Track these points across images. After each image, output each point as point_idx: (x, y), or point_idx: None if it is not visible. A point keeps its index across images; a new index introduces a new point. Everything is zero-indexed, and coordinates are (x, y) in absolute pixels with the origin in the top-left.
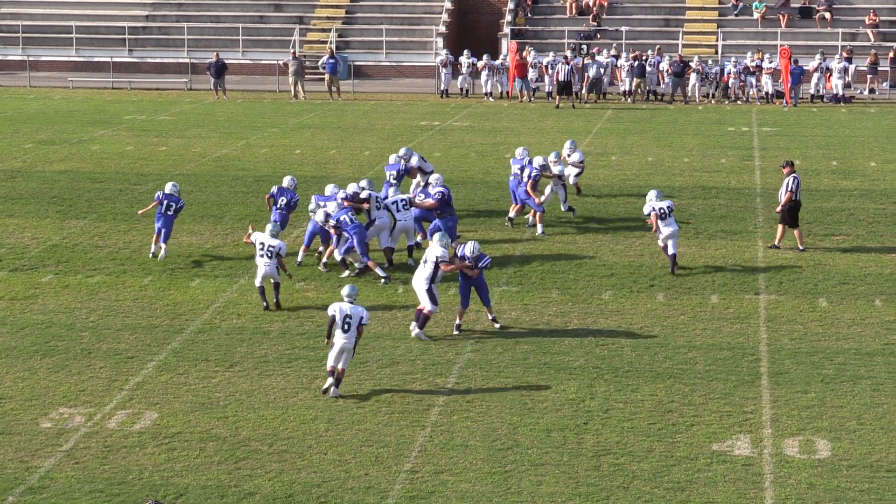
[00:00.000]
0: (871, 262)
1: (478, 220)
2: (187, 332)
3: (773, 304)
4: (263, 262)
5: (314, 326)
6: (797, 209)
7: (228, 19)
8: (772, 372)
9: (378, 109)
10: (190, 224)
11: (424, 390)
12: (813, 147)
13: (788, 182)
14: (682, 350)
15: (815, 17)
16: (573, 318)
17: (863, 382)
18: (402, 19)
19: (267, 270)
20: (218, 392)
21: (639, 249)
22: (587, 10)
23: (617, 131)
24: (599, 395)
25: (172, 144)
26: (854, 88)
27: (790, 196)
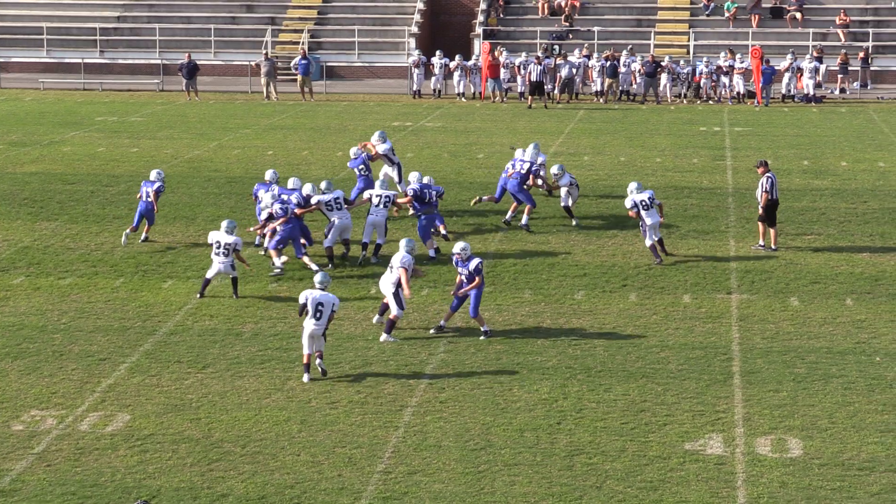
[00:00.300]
0: (843, 261)
1: (450, 220)
2: (160, 334)
3: (745, 304)
4: (219, 260)
5: (287, 328)
6: (774, 208)
7: (200, 20)
8: (744, 371)
9: (351, 110)
10: (162, 225)
11: (397, 391)
12: (784, 147)
13: (763, 182)
14: (655, 350)
15: (786, 18)
16: (546, 319)
17: (834, 381)
18: (374, 20)
19: (221, 268)
20: (190, 394)
21: (611, 249)
22: (559, 10)
23: (589, 131)
24: (572, 394)
25: (144, 146)
26: (825, 88)
27: (767, 196)
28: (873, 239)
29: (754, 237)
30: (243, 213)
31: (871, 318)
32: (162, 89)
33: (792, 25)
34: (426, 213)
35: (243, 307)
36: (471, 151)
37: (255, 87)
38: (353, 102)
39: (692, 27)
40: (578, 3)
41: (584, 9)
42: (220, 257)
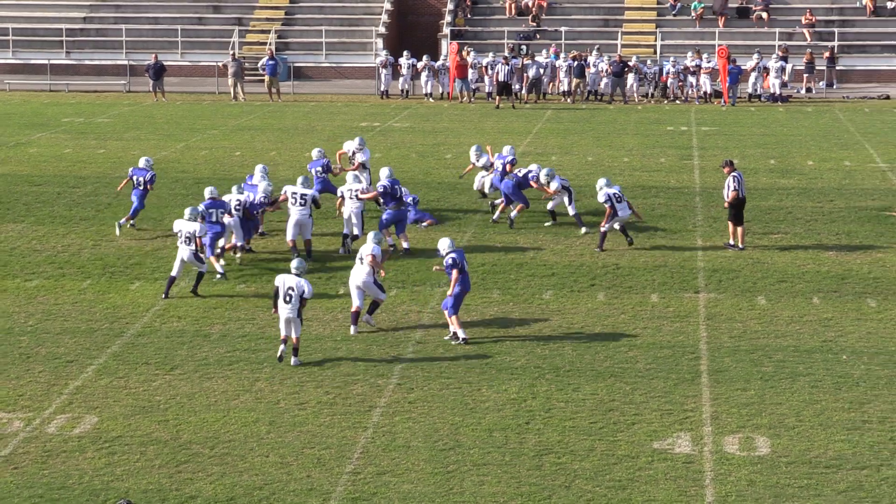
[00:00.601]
0: (809, 259)
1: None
2: (127, 336)
3: (712, 303)
4: (182, 250)
5: (255, 329)
6: (742, 206)
7: (167, 21)
8: (712, 370)
9: (318, 111)
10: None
11: (366, 392)
12: (751, 146)
13: (729, 181)
14: (623, 349)
15: (752, 17)
16: (514, 319)
17: (801, 379)
18: (341, 20)
19: (185, 256)
20: (158, 395)
21: (579, 249)
22: (526, 10)
23: (557, 131)
24: (541, 394)
25: (111, 147)
26: (791, 87)
27: (735, 194)
28: (840, 238)
29: (722, 236)
30: None
31: (837, 317)
32: (129, 90)
33: (758, 25)
34: (394, 208)
35: (211, 308)
36: (439, 152)
37: (222, 88)
38: (320, 103)
39: (659, 27)
40: (545, 3)
41: (552, 9)
42: (183, 246)
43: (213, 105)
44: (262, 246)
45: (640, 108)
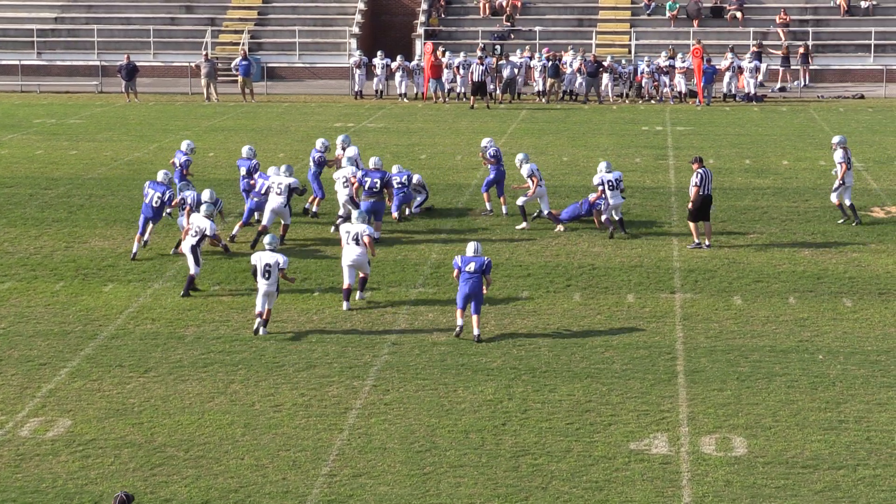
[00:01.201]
0: (785, 259)
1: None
2: (101, 338)
3: (688, 303)
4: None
5: (229, 330)
6: (708, 204)
7: (139, 21)
8: (688, 370)
9: (292, 111)
10: (102, 228)
11: (342, 393)
12: (726, 146)
13: (693, 178)
14: (599, 349)
15: (727, 17)
16: (490, 319)
17: (777, 380)
18: (314, 20)
19: (187, 250)
20: (132, 398)
21: (555, 249)
22: (500, 10)
23: (532, 131)
24: (517, 395)
25: (83, 148)
26: (765, 86)
27: (696, 190)
28: (815, 237)
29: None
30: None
31: (813, 317)
32: (101, 91)
33: (732, 25)
34: (366, 199)
35: (185, 310)
36: (413, 152)
37: (195, 89)
38: (294, 103)
39: (633, 27)
40: (520, 3)
41: (526, 9)
42: (189, 238)
43: (186, 106)
44: (234, 248)
45: (615, 108)
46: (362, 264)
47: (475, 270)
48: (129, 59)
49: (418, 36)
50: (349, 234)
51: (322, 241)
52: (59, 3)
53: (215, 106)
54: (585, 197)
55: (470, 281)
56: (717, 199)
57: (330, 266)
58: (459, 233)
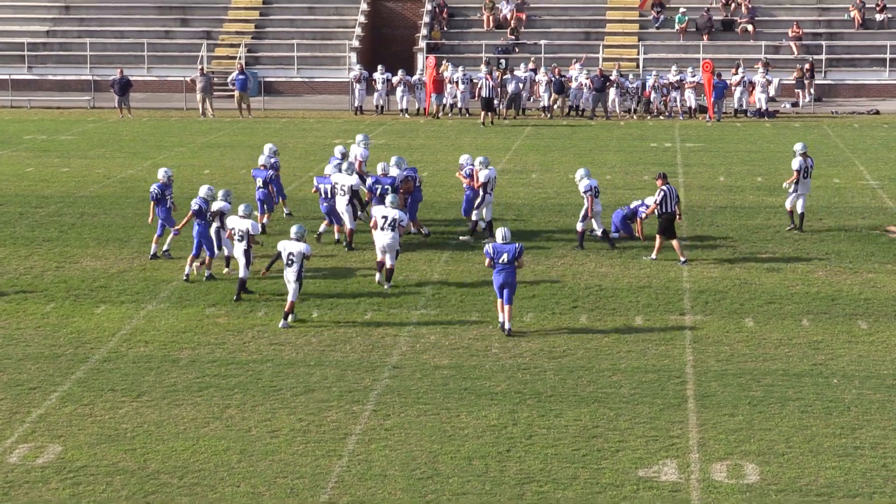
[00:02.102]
0: (798, 280)
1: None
2: (92, 361)
3: (698, 325)
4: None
5: (225, 353)
6: (672, 221)
7: (132, 34)
8: (698, 394)
9: (290, 127)
10: (94, 248)
11: (341, 419)
12: (737, 163)
13: (657, 195)
14: (607, 373)
15: (738, 30)
16: (494, 342)
17: (791, 404)
18: (313, 33)
19: (238, 254)
20: (125, 423)
21: (560, 270)
22: (505, 23)
23: (537, 148)
24: (522, 420)
25: (75, 165)
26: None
27: (654, 208)
28: (829, 258)
29: (707, 256)
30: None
31: (827, 339)
32: (93, 106)
33: (743, 38)
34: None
35: (179, 332)
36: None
37: (190, 104)
38: (292, 119)
39: (641, 40)
40: (524, 16)
41: (531, 22)
42: (237, 243)
43: (181, 121)
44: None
45: (623, 123)
46: (392, 249)
47: (508, 261)
48: (123, 74)
49: (420, 50)
50: (385, 220)
51: (318, 259)
52: (51, 16)
53: (211, 122)
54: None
55: (504, 271)
56: (728, 217)
57: (327, 287)
58: (462, 252)
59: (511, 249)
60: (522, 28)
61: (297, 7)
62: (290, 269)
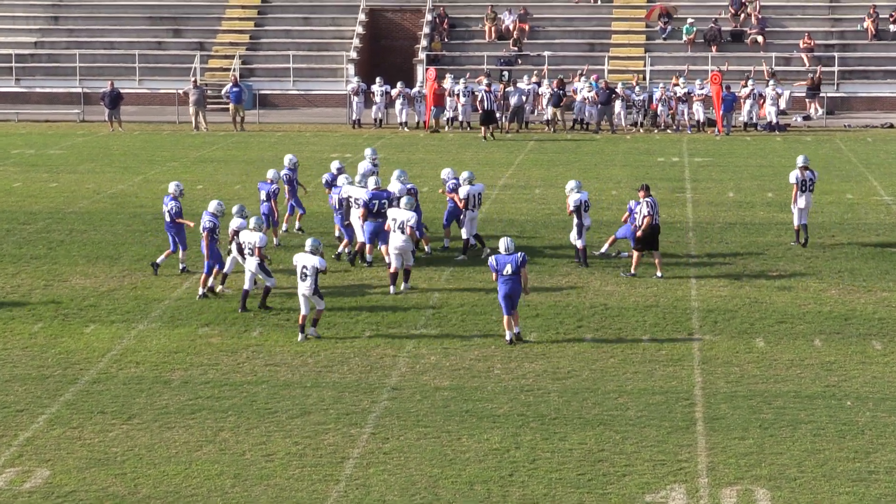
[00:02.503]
0: (810, 299)
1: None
2: (81, 383)
3: (707, 346)
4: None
5: (218, 374)
6: (657, 233)
7: (123, 45)
8: (707, 417)
9: (285, 141)
10: (83, 266)
11: (338, 442)
12: (747, 178)
13: (641, 208)
14: (613, 395)
15: (747, 41)
16: (496, 363)
17: (803, 427)
18: (310, 45)
19: (253, 268)
20: (115, 447)
21: (565, 288)
22: (507, 34)
23: (540, 163)
24: (525, 444)
25: (64, 180)
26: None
27: (649, 220)
28: (842, 276)
29: (717, 274)
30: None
31: (840, 360)
32: (83, 120)
33: (753, 50)
34: (372, 220)
35: (171, 353)
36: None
37: (182, 117)
38: (287, 133)
39: (648, 52)
40: (527, 27)
41: (534, 33)
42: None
43: (174, 135)
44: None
45: (629, 137)
46: (406, 252)
47: (513, 272)
48: (113, 86)
49: (420, 61)
50: (395, 222)
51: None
52: (39, 26)
53: (204, 136)
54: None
55: (508, 283)
56: (737, 234)
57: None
58: (462, 270)
59: (514, 260)
60: (525, 39)
61: (293, 17)
62: (303, 283)
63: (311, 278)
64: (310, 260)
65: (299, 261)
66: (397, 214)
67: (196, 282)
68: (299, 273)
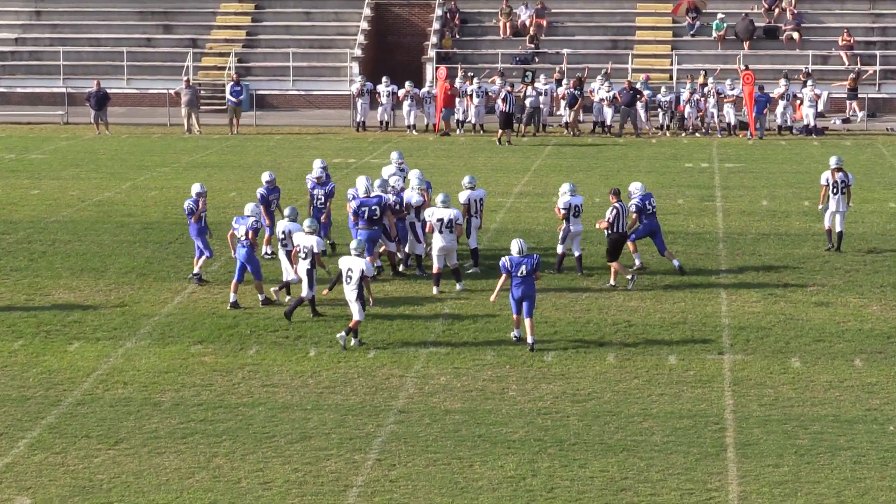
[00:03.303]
0: (850, 316)
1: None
2: (65, 405)
3: (739, 366)
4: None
5: (212, 396)
6: (622, 242)
7: (110, 42)
8: (739, 443)
9: (284, 145)
10: (67, 279)
11: (341, 469)
12: (782, 185)
13: (608, 213)
14: (637, 419)
15: (782, 38)
16: (511, 384)
17: (842, 454)
18: (311, 41)
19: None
20: (101, 474)
21: (585, 304)
22: (523, 30)
23: (559, 168)
24: (542, 471)
25: (46, 187)
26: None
27: (607, 225)
28: (884, 290)
29: (748, 289)
30: (161, 265)
31: (882, 382)
32: (67, 122)
33: (788, 47)
34: (364, 228)
35: (161, 373)
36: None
37: (174, 119)
38: (287, 136)
39: (675, 49)
40: (545, 23)
41: (552, 28)
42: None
43: (165, 139)
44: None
45: (654, 141)
46: (451, 251)
47: (527, 273)
48: (100, 86)
49: (429, 59)
50: (441, 222)
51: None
52: (20, 21)
53: (197, 139)
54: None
55: (522, 285)
56: (771, 245)
57: (326, 321)
58: (475, 283)
59: (529, 261)
60: (543, 36)
61: (293, 12)
62: (347, 287)
63: (355, 282)
64: (355, 263)
65: (344, 263)
66: (441, 213)
67: (188, 297)
68: (344, 276)
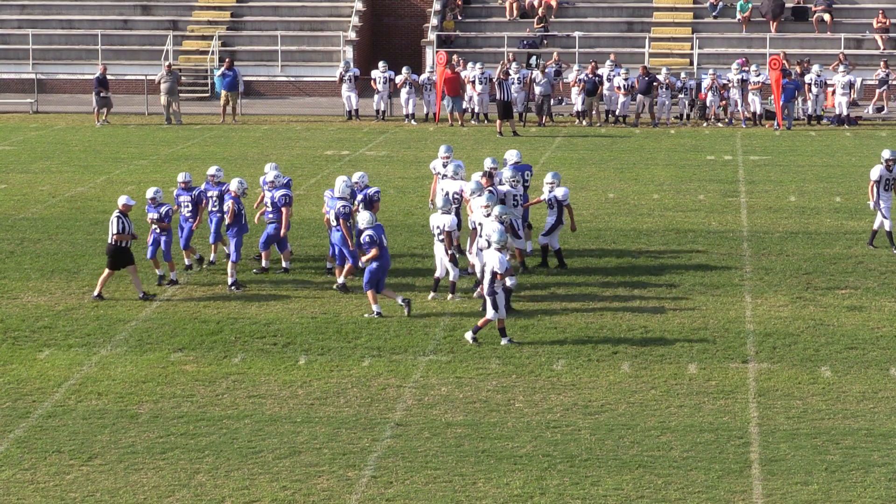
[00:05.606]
0: (885, 321)
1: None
2: (34, 417)
3: (764, 375)
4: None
5: (194, 408)
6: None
7: (84, 24)
8: (764, 459)
9: (272, 135)
10: (37, 281)
11: (333, 487)
12: (811, 180)
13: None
14: (654, 433)
15: (812, 20)
16: (518, 394)
17: (876, 470)
18: (301, 24)
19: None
20: (73, 491)
21: (598, 308)
22: (531, 11)
23: (570, 161)
24: (551, 489)
25: (14, 181)
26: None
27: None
28: None
29: (775, 292)
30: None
31: None
32: (37, 111)
33: (819, 30)
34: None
35: (139, 382)
36: (423, 187)
37: (153, 108)
38: (274, 125)
39: (696, 32)
40: (555, 3)
41: (563, 10)
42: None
43: (142, 129)
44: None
45: (673, 132)
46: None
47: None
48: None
49: (429, 43)
50: (439, 230)
51: (306, 298)
52: None
53: (178, 129)
54: None
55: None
56: (800, 245)
57: (317, 327)
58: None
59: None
60: (552, 17)
61: None
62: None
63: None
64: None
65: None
66: (439, 221)
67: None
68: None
